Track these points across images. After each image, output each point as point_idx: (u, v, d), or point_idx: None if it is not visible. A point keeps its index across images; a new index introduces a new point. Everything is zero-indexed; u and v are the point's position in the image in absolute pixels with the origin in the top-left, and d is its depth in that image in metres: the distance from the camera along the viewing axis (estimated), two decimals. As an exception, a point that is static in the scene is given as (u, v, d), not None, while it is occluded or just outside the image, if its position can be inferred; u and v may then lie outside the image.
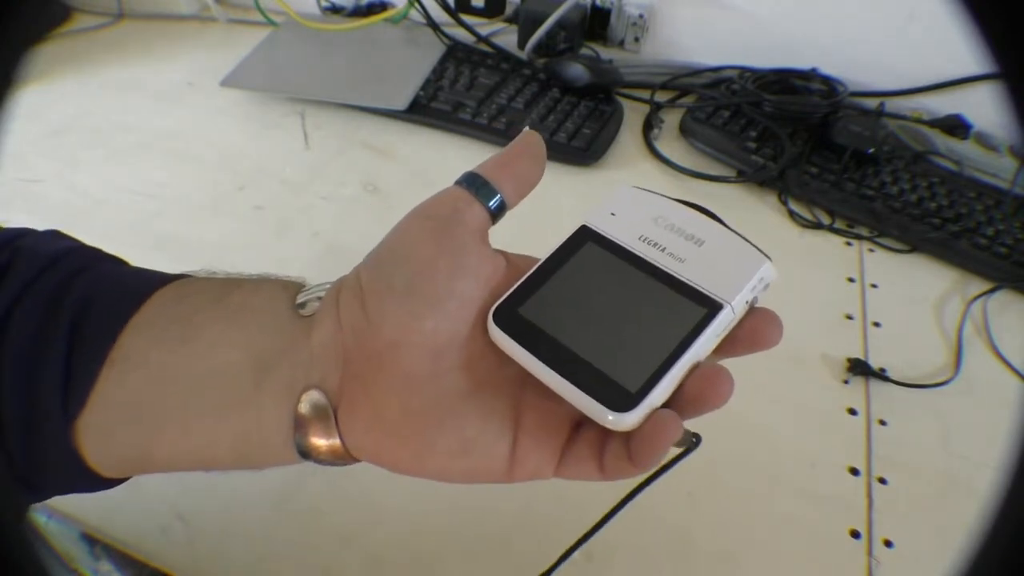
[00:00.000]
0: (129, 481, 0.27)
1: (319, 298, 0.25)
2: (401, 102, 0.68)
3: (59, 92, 0.72)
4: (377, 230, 0.25)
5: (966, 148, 0.68)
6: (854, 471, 0.43)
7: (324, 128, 0.69)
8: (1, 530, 0.10)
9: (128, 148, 0.66)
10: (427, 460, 0.23)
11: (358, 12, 0.83)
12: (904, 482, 0.43)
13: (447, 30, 0.78)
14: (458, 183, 0.25)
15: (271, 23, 0.79)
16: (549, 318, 0.24)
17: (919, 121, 0.69)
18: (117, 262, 0.29)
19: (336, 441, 0.23)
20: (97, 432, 0.24)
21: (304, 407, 0.23)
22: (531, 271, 0.25)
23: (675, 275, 0.24)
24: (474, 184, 0.25)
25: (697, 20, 0.77)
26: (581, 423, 0.24)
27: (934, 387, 0.48)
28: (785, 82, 0.71)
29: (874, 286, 0.56)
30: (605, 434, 0.23)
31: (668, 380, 0.22)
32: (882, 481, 0.43)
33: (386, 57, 0.75)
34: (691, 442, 0.24)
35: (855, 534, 0.40)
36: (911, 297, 0.55)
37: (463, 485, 0.24)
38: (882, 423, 0.46)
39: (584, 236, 0.26)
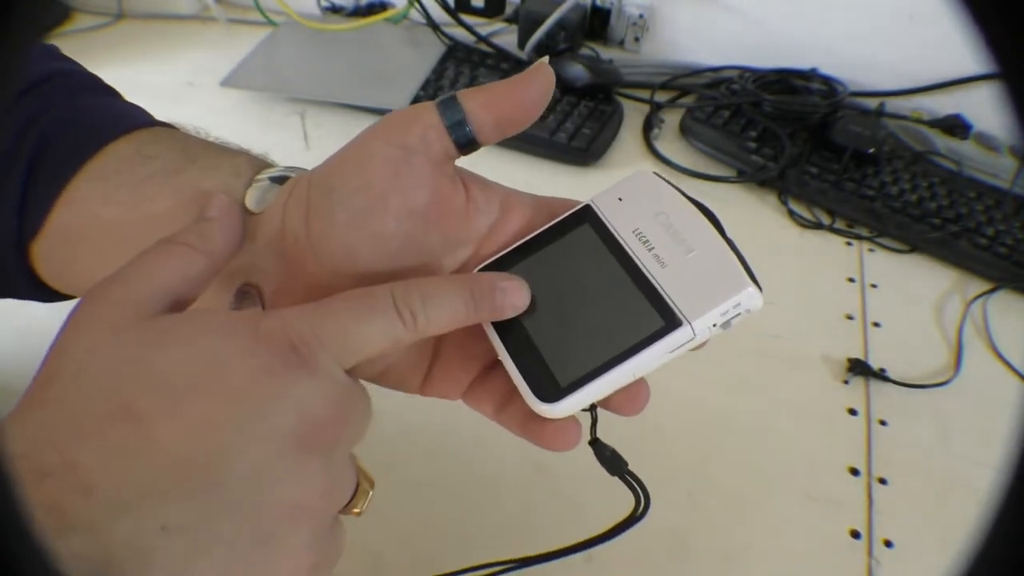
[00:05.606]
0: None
1: (275, 183, 0.26)
2: (401, 102, 0.68)
3: (59, 92, 0.72)
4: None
5: (966, 148, 0.68)
6: (854, 471, 0.43)
7: (324, 128, 0.69)
8: (2, 530, 0.10)
9: (128, 148, 0.66)
10: None
11: (358, 12, 0.83)
12: (904, 482, 0.43)
13: (447, 30, 0.78)
14: (437, 105, 0.24)
15: (271, 23, 0.79)
16: None
17: (919, 121, 0.69)
18: (95, 92, 0.30)
19: None
20: (50, 259, 0.26)
21: (236, 300, 0.25)
22: (526, 238, 0.25)
23: (650, 279, 0.23)
24: (451, 115, 0.23)
25: (697, 20, 0.77)
26: (494, 365, 0.26)
27: (934, 387, 0.48)
28: (785, 82, 0.71)
29: (874, 286, 0.56)
30: (510, 390, 0.24)
31: (601, 383, 0.22)
32: (882, 481, 0.43)
33: (386, 57, 0.75)
34: (638, 496, 0.25)
35: (855, 534, 0.40)
36: (911, 297, 0.56)
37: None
38: (882, 423, 0.46)
39: (584, 216, 0.25)
